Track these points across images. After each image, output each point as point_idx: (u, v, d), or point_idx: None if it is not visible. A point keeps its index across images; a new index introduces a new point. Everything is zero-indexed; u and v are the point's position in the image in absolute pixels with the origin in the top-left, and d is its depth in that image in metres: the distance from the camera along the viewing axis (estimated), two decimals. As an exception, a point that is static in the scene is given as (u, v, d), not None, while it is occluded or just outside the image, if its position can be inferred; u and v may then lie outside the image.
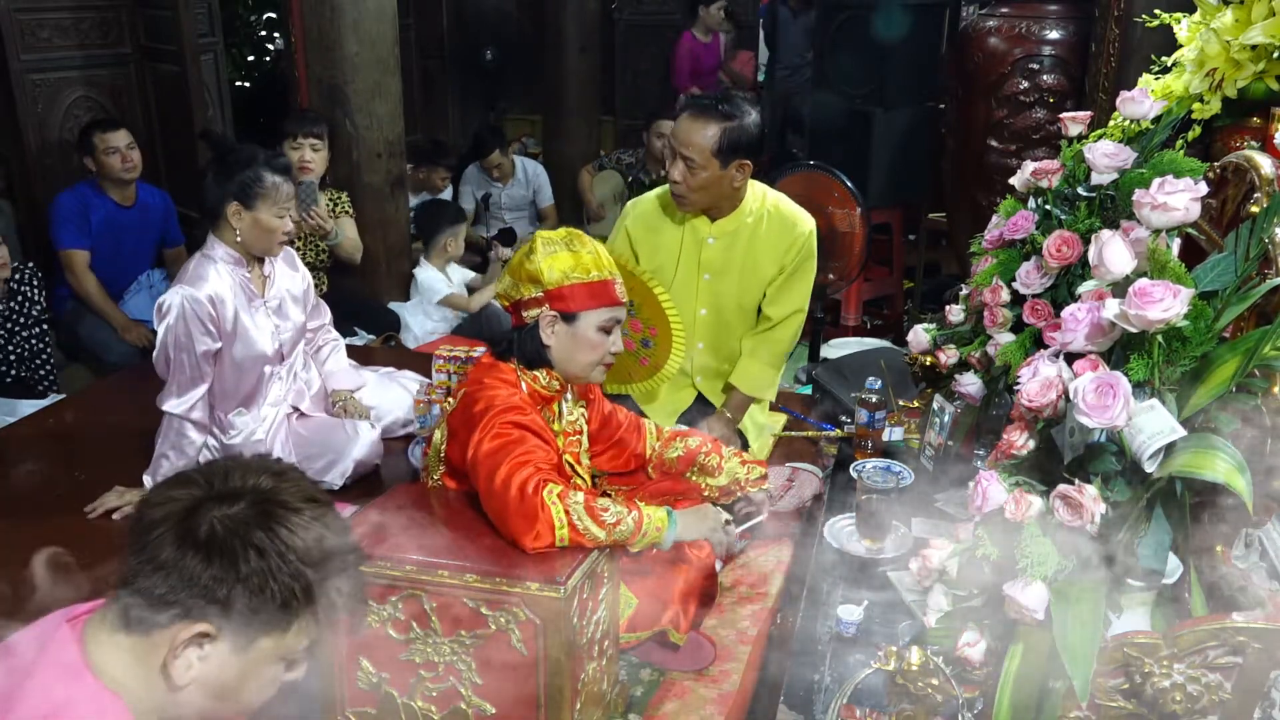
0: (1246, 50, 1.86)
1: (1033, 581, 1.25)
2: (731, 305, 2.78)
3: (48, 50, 4.39)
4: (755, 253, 2.72)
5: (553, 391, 2.02)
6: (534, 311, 1.95)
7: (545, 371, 2.00)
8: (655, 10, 7.57)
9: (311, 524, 1.10)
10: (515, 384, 1.96)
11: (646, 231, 2.78)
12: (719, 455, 2.26)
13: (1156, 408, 1.23)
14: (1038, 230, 1.94)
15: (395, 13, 4.12)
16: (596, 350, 1.98)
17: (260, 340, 2.72)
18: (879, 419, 2.49)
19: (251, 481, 1.11)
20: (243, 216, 2.59)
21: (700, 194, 2.59)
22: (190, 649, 1.07)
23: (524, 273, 1.95)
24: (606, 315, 1.97)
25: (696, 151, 2.51)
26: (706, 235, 2.72)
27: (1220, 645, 1.16)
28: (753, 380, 2.78)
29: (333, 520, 1.14)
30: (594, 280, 1.95)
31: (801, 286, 2.79)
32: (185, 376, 2.59)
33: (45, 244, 4.06)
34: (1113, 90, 3.26)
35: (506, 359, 2.00)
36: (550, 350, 1.97)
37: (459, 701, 1.72)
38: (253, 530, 1.07)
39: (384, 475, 2.91)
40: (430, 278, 4.25)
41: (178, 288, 2.58)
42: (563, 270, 1.92)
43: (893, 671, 1.43)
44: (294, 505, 1.11)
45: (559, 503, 1.71)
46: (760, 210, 2.72)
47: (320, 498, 1.15)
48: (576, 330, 1.95)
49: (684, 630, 2.04)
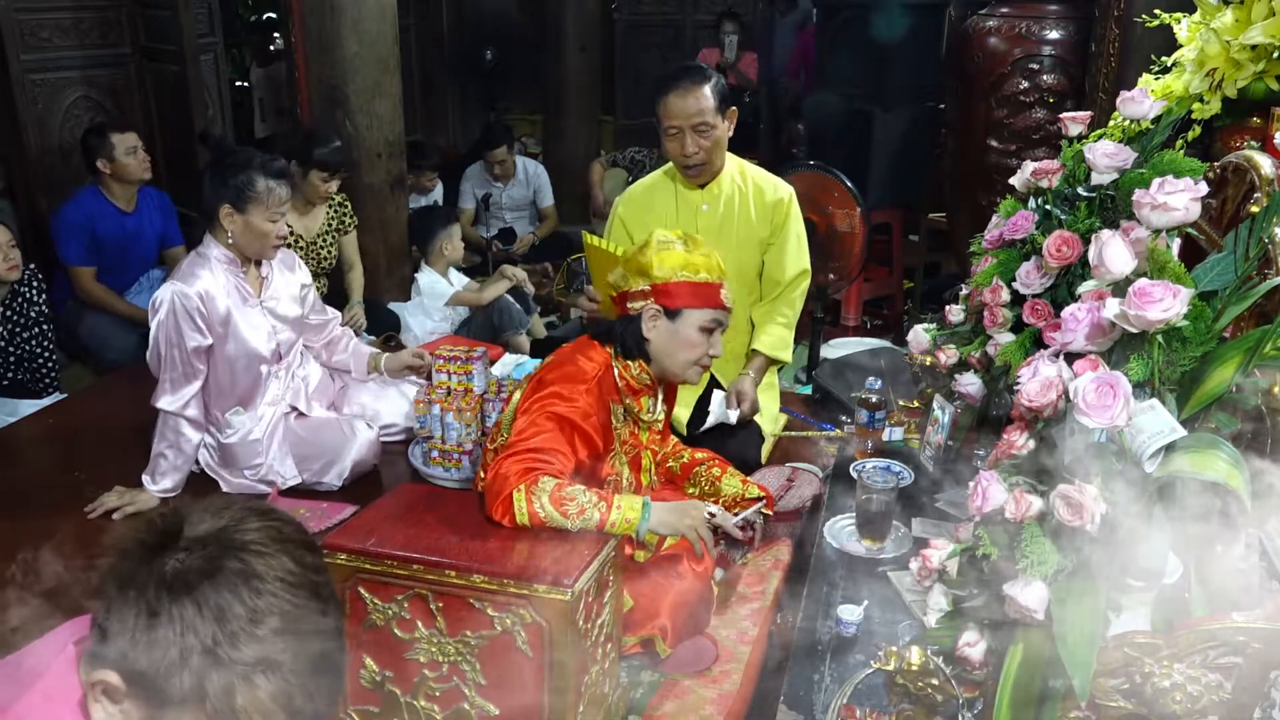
0: (1246, 50, 1.86)
1: (1033, 581, 1.25)
2: (732, 272, 2.79)
3: (48, 50, 4.39)
4: (746, 215, 2.79)
5: (643, 384, 2.06)
6: (639, 304, 2.00)
7: (638, 363, 2.03)
8: (655, 10, 7.58)
9: (274, 604, 0.91)
10: (605, 365, 1.99)
11: (640, 214, 2.81)
12: (721, 470, 2.27)
13: (1156, 408, 1.24)
14: (1038, 230, 1.94)
15: (395, 13, 4.12)
16: (695, 349, 2.02)
17: (255, 339, 2.72)
18: (879, 419, 2.49)
19: (230, 528, 0.94)
20: (235, 219, 2.61)
21: (717, 154, 2.71)
22: (104, 699, 0.92)
23: (635, 265, 2.00)
24: (709, 316, 2.02)
25: (708, 114, 2.62)
26: (700, 203, 2.78)
27: (1220, 645, 1.16)
28: (772, 341, 2.84)
29: (307, 607, 0.93)
30: (702, 280, 2.00)
31: (799, 246, 2.88)
32: (177, 373, 2.61)
33: (46, 244, 4.06)
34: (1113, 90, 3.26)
35: (604, 343, 2.03)
36: (650, 344, 2.01)
37: (462, 702, 1.72)
38: (195, 591, 0.89)
39: (384, 476, 2.92)
40: (432, 281, 4.27)
41: (169, 284, 2.60)
42: (672, 266, 1.98)
43: (893, 671, 1.43)
44: (263, 575, 0.91)
45: (524, 486, 1.75)
46: (741, 175, 2.82)
47: (306, 581, 0.94)
48: (678, 327, 2.00)
49: (671, 642, 2.03)
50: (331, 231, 3.87)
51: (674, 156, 2.70)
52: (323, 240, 3.84)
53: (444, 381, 2.91)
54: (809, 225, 3.72)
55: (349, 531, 1.78)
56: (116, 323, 3.87)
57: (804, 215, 3.71)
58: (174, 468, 2.67)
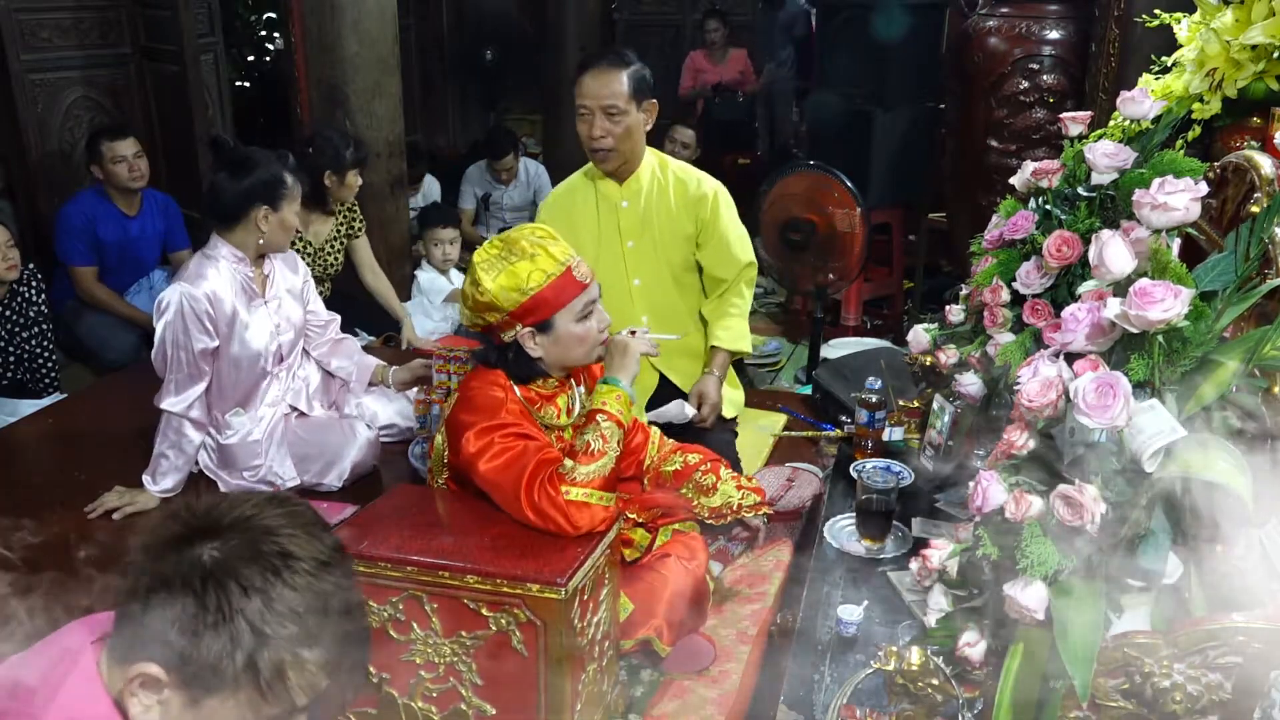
0: (1246, 50, 1.86)
1: (1033, 581, 1.25)
2: (663, 269, 2.78)
3: (48, 50, 4.39)
4: (667, 208, 2.75)
5: (551, 389, 2.01)
6: (509, 333, 1.91)
7: (539, 380, 1.98)
8: (655, 10, 7.58)
9: (312, 583, 0.97)
10: (507, 387, 1.94)
11: (560, 215, 2.79)
12: (715, 476, 2.22)
13: (1156, 408, 1.23)
14: (1038, 230, 1.94)
15: (395, 13, 4.12)
16: (585, 341, 1.95)
17: (258, 340, 2.72)
18: (879, 419, 2.49)
19: (256, 516, 0.99)
20: (270, 218, 2.65)
21: (626, 142, 2.66)
22: (143, 691, 0.96)
23: (480, 304, 1.89)
24: (579, 304, 1.91)
25: (619, 98, 2.59)
26: (619, 200, 2.75)
27: (1220, 645, 1.16)
28: (730, 334, 2.79)
29: (341, 584, 1.00)
30: (550, 280, 1.87)
31: (740, 241, 2.81)
32: (183, 374, 2.60)
33: (45, 244, 4.07)
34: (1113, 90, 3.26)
35: (495, 367, 1.96)
36: (542, 361, 1.95)
37: (459, 702, 1.72)
38: (238, 576, 0.94)
39: (383, 477, 2.92)
40: (433, 279, 4.28)
41: (177, 285, 2.59)
42: (514, 288, 1.85)
43: (893, 671, 1.43)
44: (299, 556, 0.97)
45: (564, 493, 1.76)
46: (661, 169, 2.79)
47: (334, 559, 1.01)
48: (558, 334, 1.91)
49: (669, 641, 2.03)
50: (340, 237, 3.86)
51: (583, 139, 2.70)
52: (330, 246, 3.84)
53: (444, 381, 2.90)
54: (809, 225, 3.74)
55: (342, 535, 1.76)
56: (116, 323, 3.88)
57: (804, 215, 3.75)
58: (175, 468, 2.67)
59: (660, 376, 2.84)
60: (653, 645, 2.01)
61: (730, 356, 2.80)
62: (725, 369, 2.80)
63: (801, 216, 3.74)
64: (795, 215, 3.75)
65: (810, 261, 3.78)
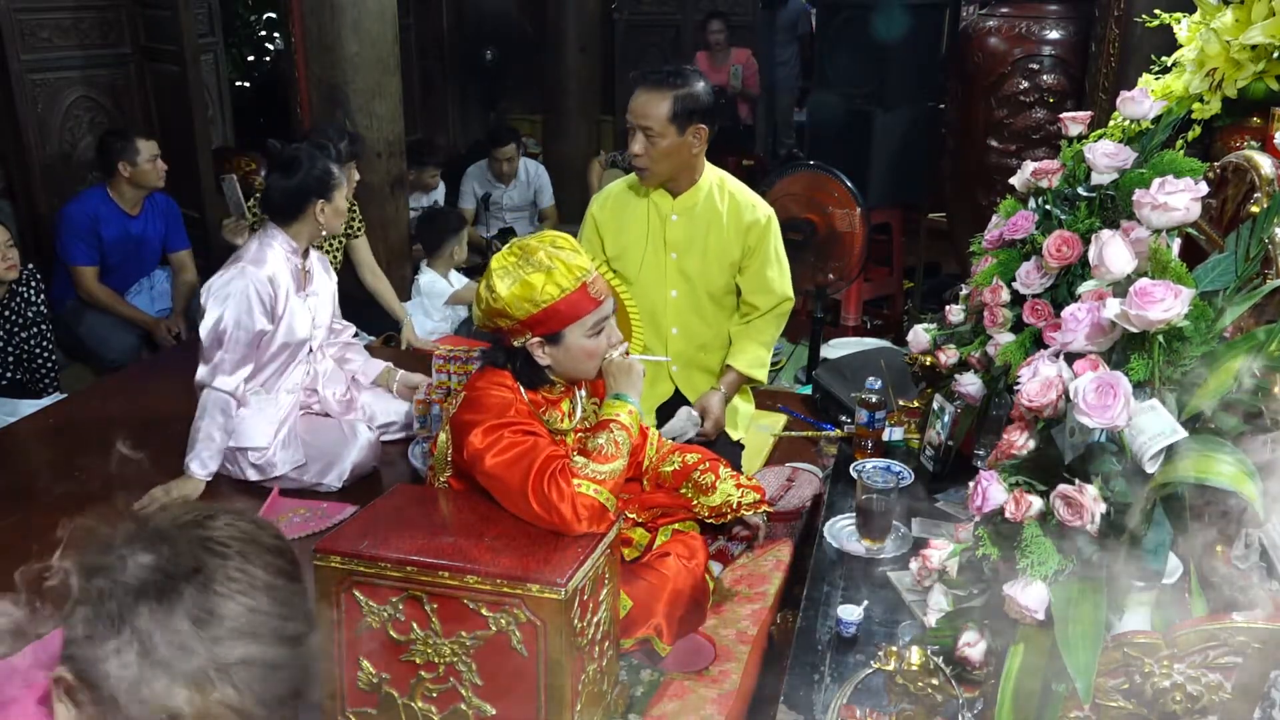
0: (1246, 50, 1.86)
1: (1033, 581, 1.25)
2: (701, 287, 2.77)
3: (48, 50, 4.39)
4: (717, 230, 2.73)
5: (557, 394, 2.01)
6: (519, 340, 1.91)
7: (545, 386, 1.99)
8: (655, 10, 7.58)
9: (231, 606, 0.89)
10: (514, 388, 1.94)
11: (613, 213, 2.79)
12: (714, 475, 2.22)
13: (1157, 408, 1.23)
14: (1038, 230, 1.94)
15: (395, 13, 4.12)
16: (594, 356, 1.95)
17: (300, 328, 2.82)
18: (879, 419, 2.48)
19: (193, 529, 0.93)
20: (325, 209, 2.78)
21: (663, 163, 2.63)
22: (64, 698, 0.92)
23: (492, 310, 1.88)
24: (591, 320, 1.91)
25: (655, 121, 2.56)
26: (670, 212, 2.73)
27: (1220, 645, 1.16)
28: (748, 359, 2.78)
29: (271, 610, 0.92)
30: (565, 294, 1.85)
31: (781, 272, 2.79)
32: (238, 354, 2.66)
33: (45, 244, 4.07)
34: (1113, 90, 3.26)
35: (503, 367, 1.96)
36: (550, 370, 1.95)
37: (459, 703, 1.72)
38: (166, 588, 0.88)
39: (383, 477, 2.91)
40: (432, 280, 4.28)
41: (242, 267, 2.66)
42: (527, 298, 1.84)
43: (893, 671, 1.43)
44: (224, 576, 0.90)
45: (576, 485, 1.78)
46: (719, 189, 2.75)
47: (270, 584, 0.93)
48: (567, 346, 1.91)
49: (668, 640, 2.03)
50: (339, 237, 3.87)
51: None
52: (329, 244, 3.84)
53: (444, 381, 2.91)
54: (809, 225, 3.74)
55: (342, 535, 1.78)
56: (116, 323, 3.88)
57: (804, 215, 3.75)
58: (220, 450, 2.69)
59: (675, 390, 2.85)
60: (652, 644, 2.01)
61: (741, 380, 2.79)
62: (734, 390, 2.79)
63: (801, 216, 3.74)
64: (795, 215, 3.74)
65: (810, 261, 3.78)
